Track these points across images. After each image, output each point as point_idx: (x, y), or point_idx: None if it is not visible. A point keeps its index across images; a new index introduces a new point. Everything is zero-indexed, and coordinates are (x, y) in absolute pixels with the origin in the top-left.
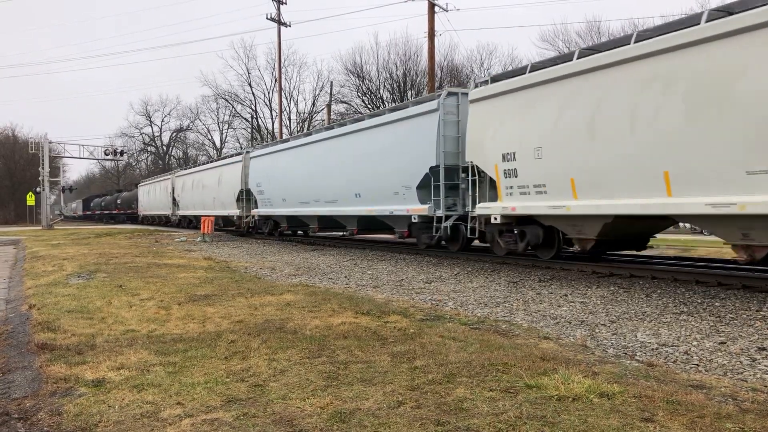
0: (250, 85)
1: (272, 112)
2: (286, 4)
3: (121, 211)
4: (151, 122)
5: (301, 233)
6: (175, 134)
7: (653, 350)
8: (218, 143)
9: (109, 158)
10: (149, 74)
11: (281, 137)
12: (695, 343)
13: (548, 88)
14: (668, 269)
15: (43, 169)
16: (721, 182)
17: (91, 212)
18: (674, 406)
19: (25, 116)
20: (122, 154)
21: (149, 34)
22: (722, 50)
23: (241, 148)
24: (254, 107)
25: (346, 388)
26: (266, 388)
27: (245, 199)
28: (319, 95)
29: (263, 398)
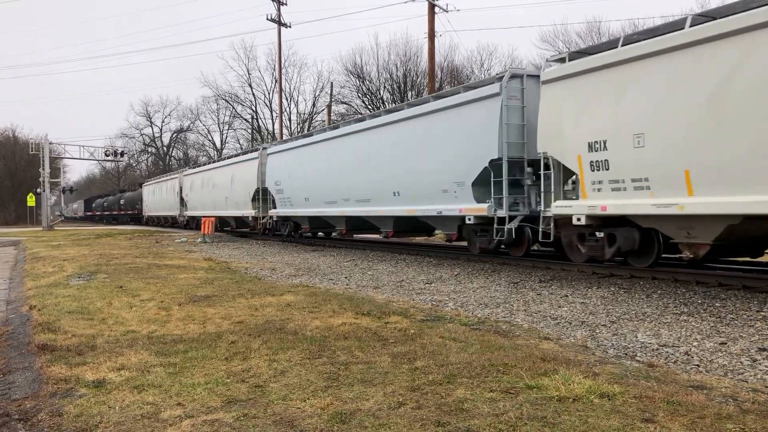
0: (250, 85)
1: (272, 112)
2: (286, 5)
3: (124, 211)
4: (151, 123)
5: (321, 235)
6: (175, 135)
7: (654, 351)
8: (218, 144)
9: (109, 159)
10: (150, 75)
11: (281, 138)
12: (696, 343)
13: (652, 62)
14: (669, 270)
15: (43, 170)
16: None
17: (92, 213)
18: (675, 406)
19: (25, 117)
20: (122, 155)
21: (150, 34)
22: None
23: (241, 148)
24: (254, 108)
25: (346, 388)
26: (267, 388)
27: (261, 198)
28: (319, 96)
29: (264, 399)
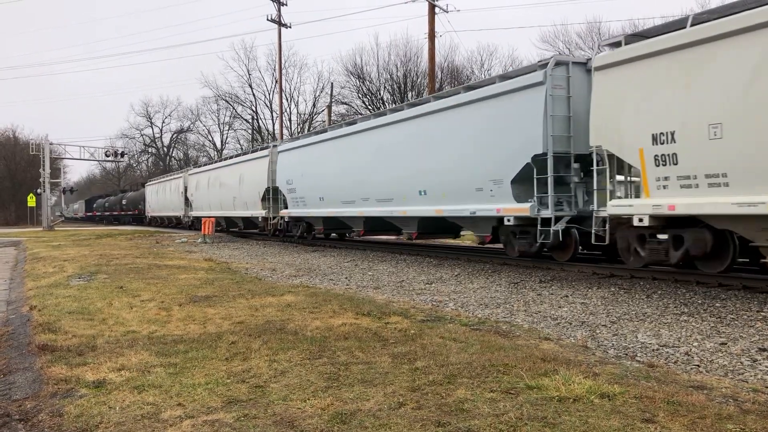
0: (250, 86)
1: (273, 113)
2: (286, 5)
3: (126, 212)
4: (151, 123)
5: (335, 236)
6: (175, 135)
7: (654, 351)
8: (219, 144)
9: (109, 160)
10: (150, 75)
11: (281, 138)
12: (696, 343)
13: (730, 42)
14: (669, 270)
15: (44, 170)
16: None
17: (93, 213)
18: (675, 406)
19: (25, 117)
20: (123, 155)
21: (150, 35)
22: None
23: (242, 149)
24: (255, 108)
25: (346, 389)
26: (267, 389)
27: (272, 198)
28: (319, 96)
29: (264, 399)
